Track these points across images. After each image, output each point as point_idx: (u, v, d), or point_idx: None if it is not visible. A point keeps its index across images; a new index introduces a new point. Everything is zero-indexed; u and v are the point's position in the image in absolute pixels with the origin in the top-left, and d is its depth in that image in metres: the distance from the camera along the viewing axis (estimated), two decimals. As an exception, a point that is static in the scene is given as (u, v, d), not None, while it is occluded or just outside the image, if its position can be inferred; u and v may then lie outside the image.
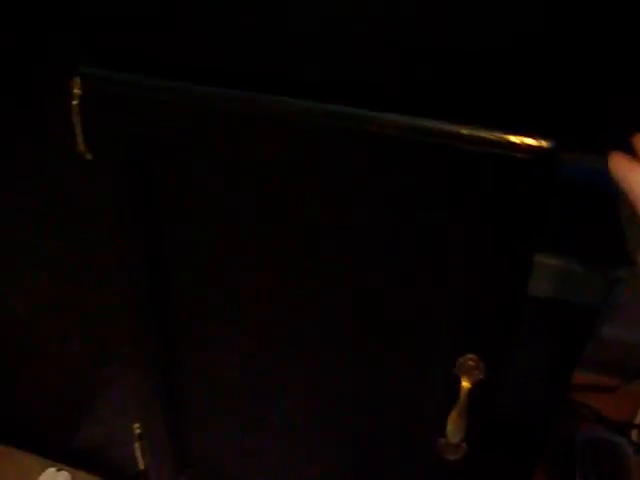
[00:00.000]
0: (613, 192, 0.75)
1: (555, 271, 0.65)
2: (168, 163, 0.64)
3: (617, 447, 0.89)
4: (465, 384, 0.64)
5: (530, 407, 0.79)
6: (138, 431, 0.86)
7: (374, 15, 0.53)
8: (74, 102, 0.62)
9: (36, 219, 0.79)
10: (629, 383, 1.03)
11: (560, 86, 0.53)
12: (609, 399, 1.03)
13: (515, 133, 0.52)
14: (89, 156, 0.65)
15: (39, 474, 1.02)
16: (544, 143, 0.52)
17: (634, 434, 0.96)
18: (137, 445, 0.87)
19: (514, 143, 0.52)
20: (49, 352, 0.92)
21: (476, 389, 0.64)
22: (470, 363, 0.64)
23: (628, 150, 0.50)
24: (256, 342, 0.73)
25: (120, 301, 0.74)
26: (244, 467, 0.87)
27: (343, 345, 0.69)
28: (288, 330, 0.70)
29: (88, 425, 0.99)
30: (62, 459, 1.05)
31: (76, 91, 0.61)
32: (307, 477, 0.83)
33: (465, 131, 0.52)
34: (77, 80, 0.61)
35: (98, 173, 0.66)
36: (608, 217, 0.71)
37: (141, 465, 0.89)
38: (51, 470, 1.02)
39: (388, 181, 0.58)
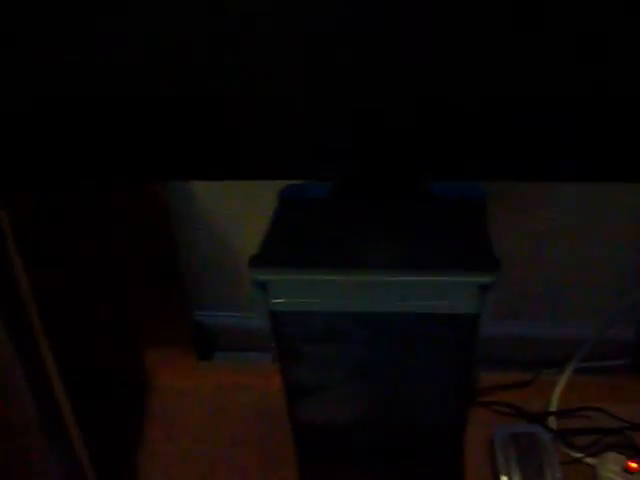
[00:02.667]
0: (478, 201, 0.81)
1: (432, 286, 0.70)
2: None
3: (534, 436, 0.94)
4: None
5: (441, 417, 0.84)
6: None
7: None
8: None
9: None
10: (541, 375, 1.10)
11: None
12: (527, 393, 1.09)
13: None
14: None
15: None
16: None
17: (551, 421, 1.02)
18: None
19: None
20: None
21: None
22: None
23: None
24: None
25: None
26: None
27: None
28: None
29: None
30: None
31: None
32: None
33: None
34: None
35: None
36: (474, 226, 0.77)
37: None
38: None
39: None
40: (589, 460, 0.96)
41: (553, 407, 1.04)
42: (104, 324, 1.11)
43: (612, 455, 0.95)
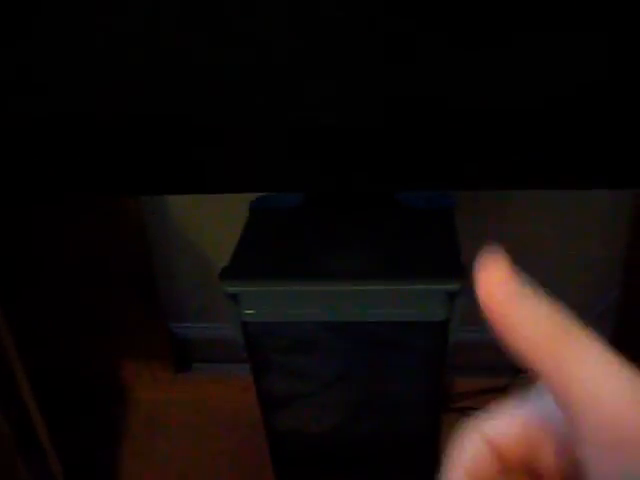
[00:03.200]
0: (448, 210, 0.82)
1: (401, 295, 0.71)
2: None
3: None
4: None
5: (415, 423, 0.85)
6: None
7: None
8: None
9: None
10: (515, 380, 1.10)
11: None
12: (502, 398, 1.09)
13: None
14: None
15: None
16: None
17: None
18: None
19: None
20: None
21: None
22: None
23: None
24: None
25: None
26: None
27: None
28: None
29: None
30: None
31: None
32: None
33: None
34: None
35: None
36: (443, 234, 0.78)
37: None
38: None
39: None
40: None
41: (528, 412, 1.04)
42: (80, 337, 1.11)
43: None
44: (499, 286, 0.20)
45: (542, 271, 1.05)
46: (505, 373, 1.11)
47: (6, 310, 0.68)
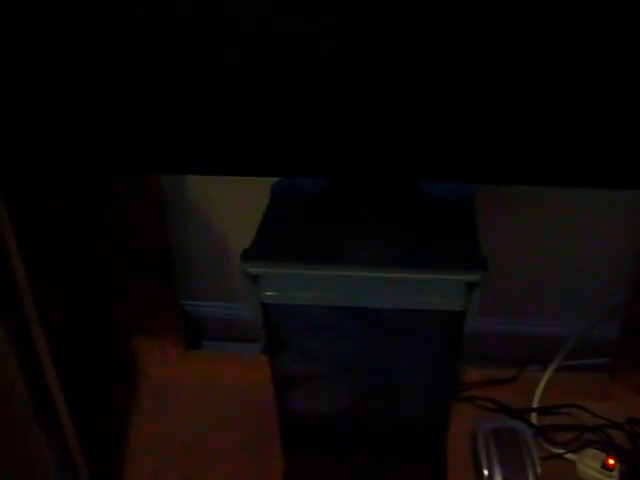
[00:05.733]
0: (468, 200, 0.83)
1: (420, 283, 0.72)
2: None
3: (516, 431, 0.96)
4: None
5: (425, 411, 0.86)
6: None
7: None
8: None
9: None
10: (524, 371, 1.12)
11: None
12: (509, 389, 1.11)
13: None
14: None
15: None
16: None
17: (532, 417, 1.04)
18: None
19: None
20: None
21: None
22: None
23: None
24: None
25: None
26: None
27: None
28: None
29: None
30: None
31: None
32: None
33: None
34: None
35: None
36: (463, 224, 0.79)
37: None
38: None
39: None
40: (569, 456, 0.98)
41: (535, 403, 1.06)
42: (94, 313, 1.12)
43: (591, 452, 0.97)
44: None
45: (560, 262, 1.06)
46: (514, 365, 1.12)
47: (32, 286, 0.68)
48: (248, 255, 0.72)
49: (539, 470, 0.91)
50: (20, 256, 0.67)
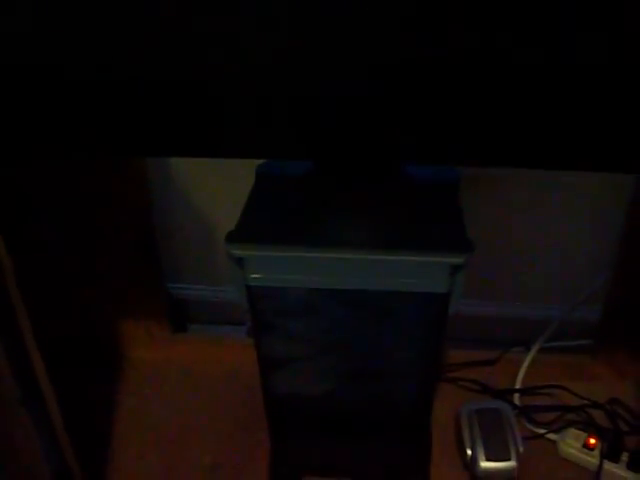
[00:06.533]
0: (453, 183, 0.83)
1: (405, 265, 0.72)
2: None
3: (499, 412, 0.97)
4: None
5: (410, 392, 0.87)
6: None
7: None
8: None
9: None
10: (507, 353, 1.13)
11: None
12: (493, 370, 1.12)
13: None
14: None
15: None
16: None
17: (515, 397, 1.05)
18: None
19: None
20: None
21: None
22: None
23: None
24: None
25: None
26: None
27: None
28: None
29: None
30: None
31: None
32: None
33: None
34: None
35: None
36: (448, 207, 0.79)
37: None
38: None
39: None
40: (551, 436, 1.00)
41: (518, 384, 1.07)
42: (79, 295, 1.12)
43: (573, 431, 0.99)
44: None
45: (544, 244, 1.07)
46: (497, 346, 1.13)
47: (16, 271, 0.68)
48: (233, 237, 0.73)
49: (522, 449, 0.92)
50: (3, 241, 0.67)
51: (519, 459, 0.91)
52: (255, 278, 0.73)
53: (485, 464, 0.91)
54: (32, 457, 0.79)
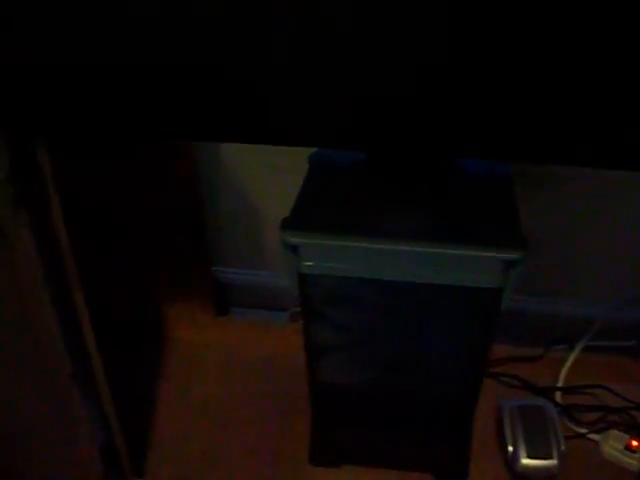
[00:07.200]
0: (505, 178, 0.83)
1: (458, 259, 0.72)
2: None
3: (541, 409, 0.97)
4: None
5: (454, 387, 0.87)
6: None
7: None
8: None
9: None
10: (550, 350, 1.12)
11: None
12: (535, 367, 1.11)
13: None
14: None
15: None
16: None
17: (557, 396, 1.05)
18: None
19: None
20: None
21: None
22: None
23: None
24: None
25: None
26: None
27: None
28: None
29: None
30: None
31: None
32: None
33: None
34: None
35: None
36: (502, 201, 0.79)
37: None
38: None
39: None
40: (593, 436, 0.99)
41: (560, 383, 1.06)
42: (126, 277, 1.13)
43: (615, 433, 0.98)
44: None
45: (593, 243, 1.05)
46: (541, 343, 1.12)
47: (74, 251, 0.70)
48: (288, 224, 0.73)
49: (563, 448, 0.92)
50: (63, 222, 0.68)
51: (560, 458, 0.91)
52: (308, 266, 0.74)
53: (526, 461, 0.90)
54: (81, 430, 0.81)
